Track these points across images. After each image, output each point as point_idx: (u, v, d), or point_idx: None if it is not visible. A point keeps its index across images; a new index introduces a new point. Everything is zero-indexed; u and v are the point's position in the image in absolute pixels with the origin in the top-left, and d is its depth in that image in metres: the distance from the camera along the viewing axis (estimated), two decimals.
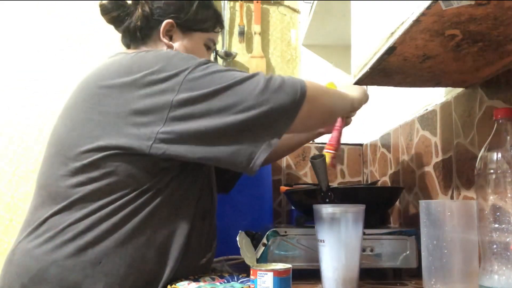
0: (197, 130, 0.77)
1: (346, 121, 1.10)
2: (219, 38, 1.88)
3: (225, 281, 0.82)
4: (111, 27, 1.02)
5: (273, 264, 0.76)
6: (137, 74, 0.79)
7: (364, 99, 1.03)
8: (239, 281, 0.83)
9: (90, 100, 0.82)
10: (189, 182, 0.87)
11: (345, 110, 0.98)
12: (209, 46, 1.04)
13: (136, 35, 0.97)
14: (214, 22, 1.03)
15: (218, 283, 0.80)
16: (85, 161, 0.79)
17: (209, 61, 0.83)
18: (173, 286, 0.79)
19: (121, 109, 0.78)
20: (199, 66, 0.80)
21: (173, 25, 0.97)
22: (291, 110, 0.79)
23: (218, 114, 0.77)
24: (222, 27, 1.07)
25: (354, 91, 1.00)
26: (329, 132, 1.15)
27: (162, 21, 0.96)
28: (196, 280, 0.82)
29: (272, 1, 1.95)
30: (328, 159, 1.04)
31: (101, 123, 0.79)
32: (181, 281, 0.81)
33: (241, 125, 0.77)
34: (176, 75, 0.78)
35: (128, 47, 1.01)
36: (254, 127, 0.77)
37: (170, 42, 0.97)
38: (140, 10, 0.95)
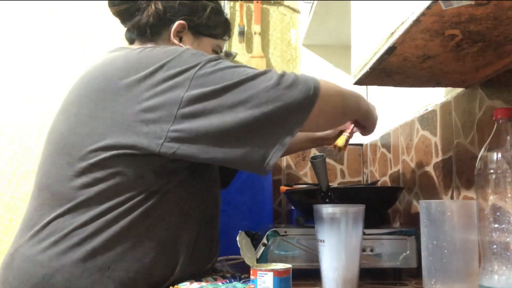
0: (209, 128, 0.75)
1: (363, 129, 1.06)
2: None
3: (227, 281, 0.82)
4: (111, 27, 1.02)
5: (273, 264, 0.76)
6: (146, 70, 0.77)
7: (373, 110, 0.99)
8: (241, 281, 0.83)
9: (95, 96, 0.79)
10: (196, 187, 0.86)
11: (356, 114, 0.95)
12: (217, 52, 1.03)
13: (146, 31, 0.95)
14: (224, 29, 1.03)
15: (220, 283, 0.80)
16: (91, 161, 0.76)
17: (219, 57, 0.81)
18: (175, 286, 0.79)
19: (130, 106, 0.76)
20: (210, 62, 0.78)
21: (185, 27, 0.95)
22: (305, 107, 0.78)
23: (230, 110, 0.75)
24: (229, 36, 1.07)
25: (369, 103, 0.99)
26: (329, 143, 1.14)
27: (174, 21, 0.94)
28: (198, 280, 0.82)
29: (272, 1, 1.95)
30: (343, 141, 1.03)
31: (108, 120, 0.77)
32: (183, 281, 0.81)
33: (254, 121, 0.75)
34: (186, 70, 0.77)
35: (131, 42, 0.99)
36: (266, 124, 0.76)
37: (180, 44, 0.96)
38: (153, 7, 0.93)
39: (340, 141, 1.04)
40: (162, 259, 0.80)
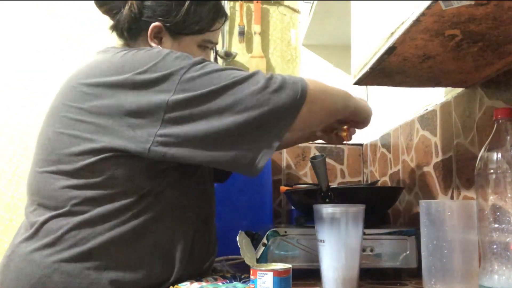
0: (196, 134, 0.75)
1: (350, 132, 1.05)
2: (219, 37, 1.87)
3: (227, 281, 0.82)
4: None
5: (273, 264, 0.76)
6: (129, 73, 0.77)
7: (363, 105, 0.97)
8: (241, 281, 0.83)
9: (80, 99, 0.79)
10: (189, 186, 0.86)
11: (345, 109, 0.92)
12: (206, 47, 0.98)
13: (123, 34, 0.92)
14: (210, 20, 0.95)
15: (220, 283, 0.80)
16: (78, 164, 0.76)
17: (204, 60, 0.80)
18: (176, 286, 0.79)
19: (114, 110, 0.76)
20: (195, 66, 0.77)
21: (161, 29, 0.91)
22: (292, 111, 0.78)
23: (217, 116, 0.75)
24: (222, 20, 0.99)
25: (358, 100, 0.97)
26: (326, 139, 1.13)
27: (150, 23, 0.91)
28: (198, 280, 0.82)
29: (272, 1, 1.95)
30: (345, 132, 1.03)
31: (93, 124, 0.77)
32: (183, 280, 0.81)
33: (241, 126, 0.75)
34: (171, 74, 0.76)
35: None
36: (254, 128, 0.76)
37: (159, 46, 0.92)
38: (128, 9, 0.90)
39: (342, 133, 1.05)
40: (160, 260, 0.80)
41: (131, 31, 0.92)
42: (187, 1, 0.92)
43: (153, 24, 0.91)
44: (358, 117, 0.97)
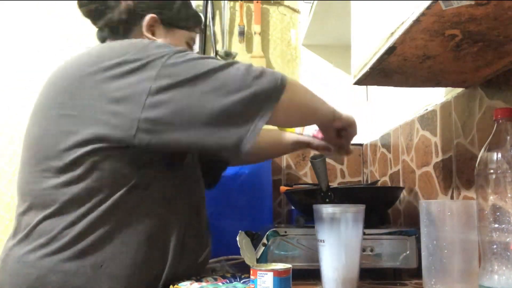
0: (181, 117, 0.75)
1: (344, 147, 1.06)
2: (219, 37, 1.88)
3: (227, 281, 0.82)
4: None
5: (273, 264, 0.76)
6: (110, 61, 0.77)
7: (342, 112, 0.98)
8: (241, 281, 0.83)
9: (62, 94, 0.80)
10: (177, 178, 0.86)
11: (326, 114, 0.95)
12: (190, 45, 1.03)
13: (118, 29, 0.94)
14: (195, 21, 1.03)
15: (220, 283, 0.80)
16: (67, 160, 0.76)
17: (186, 50, 0.82)
18: (176, 286, 0.79)
19: (97, 100, 0.76)
20: (177, 53, 0.79)
21: (157, 21, 0.95)
22: (274, 94, 0.79)
23: (201, 98, 0.76)
24: (201, 28, 1.07)
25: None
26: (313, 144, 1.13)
27: (144, 16, 0.94)
28: (198, 280, 0.82)
29: (272, 1, 1.95)
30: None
31: (78, 117, 0.77)
32: (183, 281, 0.81)
33: (225, 109, 0.76)
34: (153, 61, 0.77)
35: (103, 41, 0.97)
36: (239, 110, 0.77)
37: (154, 38, 0.95)
38: (123, 3, 0.93)
39: None
40: (154, 253, 0.80)
41: (125, 25, 0.94)
42: (178, 0, 0.98)
43: (150, 15, 0.94)
44: (342, 121, 0.98)
